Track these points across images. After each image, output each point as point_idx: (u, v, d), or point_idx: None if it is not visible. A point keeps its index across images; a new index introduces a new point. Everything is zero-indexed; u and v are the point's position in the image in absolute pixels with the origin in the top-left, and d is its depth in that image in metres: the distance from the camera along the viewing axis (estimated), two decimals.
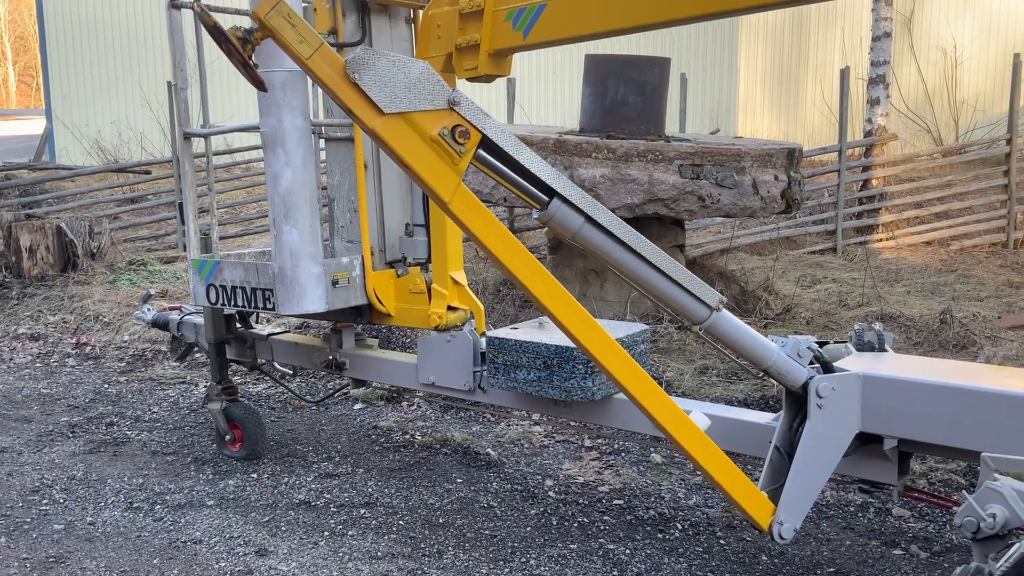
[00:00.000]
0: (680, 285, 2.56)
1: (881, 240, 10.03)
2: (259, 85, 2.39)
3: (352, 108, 2.25)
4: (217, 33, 2.23)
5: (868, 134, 10.64)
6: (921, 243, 10.01)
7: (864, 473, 2.76)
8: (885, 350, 2.89)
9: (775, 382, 2.73)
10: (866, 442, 2.67)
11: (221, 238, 9.58)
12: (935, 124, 13.59)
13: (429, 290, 3.67)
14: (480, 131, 2.35)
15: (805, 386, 2.64)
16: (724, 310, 2.62)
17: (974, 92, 14.68)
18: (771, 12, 14.50)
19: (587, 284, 6.46)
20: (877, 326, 2.94)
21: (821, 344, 2.83)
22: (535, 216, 2.50)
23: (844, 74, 9.93)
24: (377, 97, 2.23)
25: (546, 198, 2.45)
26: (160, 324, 4.60)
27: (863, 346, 2.90)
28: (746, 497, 2.59)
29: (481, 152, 2.39)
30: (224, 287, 3.69)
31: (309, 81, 3.63)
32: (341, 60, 2.24)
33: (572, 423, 4.51)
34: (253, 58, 2.29)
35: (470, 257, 8.85)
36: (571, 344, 3.18)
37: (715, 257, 8.69)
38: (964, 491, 2.35)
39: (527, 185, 2.44)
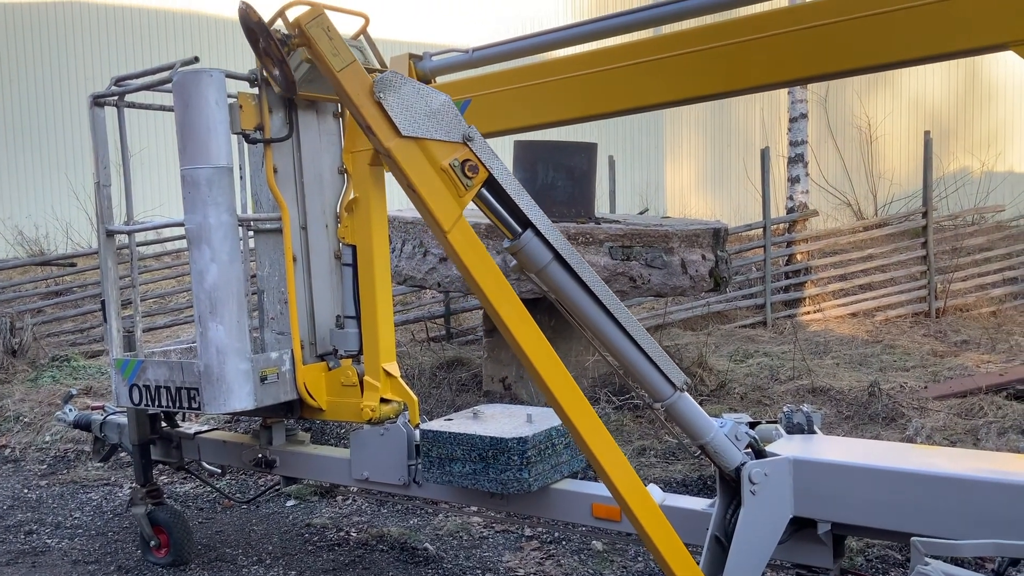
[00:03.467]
0: (649, 358, 2.56)
1: (808, 313, 10.27)
2: (291, 86, 2.43)
3: (372, 125, 2.31)
4: (260, 29, 2.28)
5: (791, 211, 10.98)
6: (847, 315, 10.27)
7: (800, 558, 2.75)
8: (814, 431, 2.92)
9: (710, 461, 2.72)
10: (801, 527, 2.68)
11: (150, 329, 9.37)
12: (855, 198, 14.10)
13: (361, 383, 3.61)
14: (488, 170, 2.40)
15: (738, 471, 2.64)
16: (686, 391, 2.62)
17: (890, 166, 15.32)
18: None
19: (523, 366, 6.45)
20: (805, 407, 2.97)
21: (753, 425, 2.85)
22: (505, 246, 2.52)
23: (764, 154, 10.29)
24: (398, 119, 2.30)
25: (520, 229, 2.47)
26: (82, 425, 4.44)
27: (792, 428, 2.92)
28: None
29: (483, 190, 2.43)
30: (148, 387, 3.58)
31: (236, 175, 3.62)
32: (369, 79, 2.30)
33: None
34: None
35: (406, 342, 8.79)
36: (505, 435, 3.16)
37: (649, 333, 8.77)
38: None
39: (506, 215, 2.47)
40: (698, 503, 3.00)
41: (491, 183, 2.45)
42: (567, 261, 2.47)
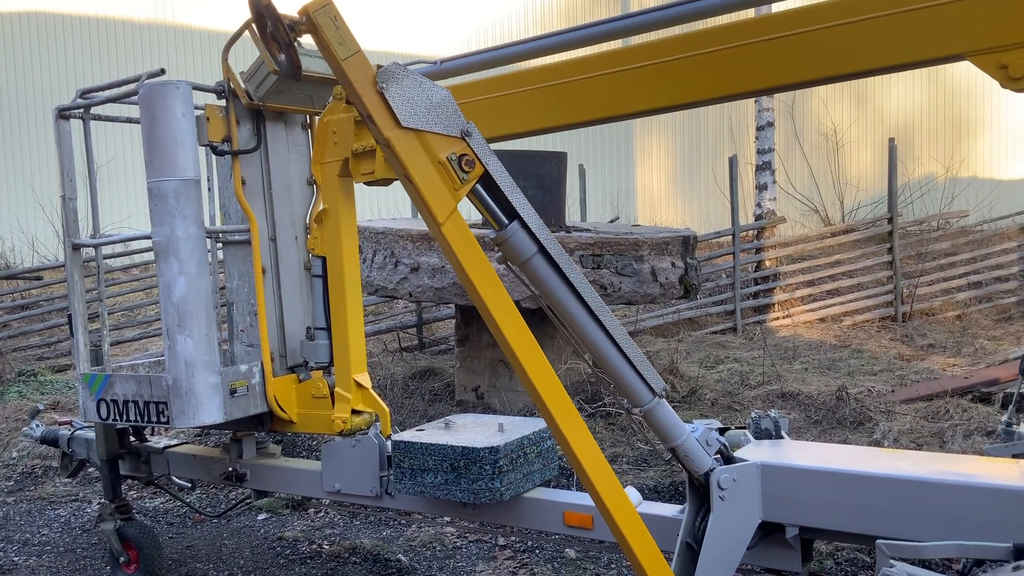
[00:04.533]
0: (631, 363, 2.57)
1: (777, 318, 10.37)
2: (295, 71, 2.45)
3: (373, 114, 2.33)
4: (269, 13, 2.29)
5: (759, 217, 11.09)
6: (815, 320, 10.37)
7: (768, 562, 2.78)
8: (782, 436, 2.95)
9: (680, 464, 2.74)
10: (769, 531, 2.70)
11: (118, 343, 9.27)
12: (822, 204, 14.26)
13: (332, 394, 3.60)
14: (484, 166, 2.41)
15: (707, 476, 2.66)
16: (664, 398, 2.64)
17: (856, 173, 15.52)
18: None
19: (496, 375, 6.46)
20: (773, 413, 3.00)
21: (722, 431, 2.88)
22: (491, 237, 2.53)
23: (733, 162, 10.39)
24: (399, 110, 2.32)
25: (507, 221, 2.48)
26: (49, 440, 4.39)
27: (760, 433, 2.95)
28: None
29: (477, 186, 2.45)
30: (116, 401, 3.55)
31: (204, 187, 3.61)
32: (373, 69, 2.33)
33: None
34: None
35: (378, 352, 8.77)
36: (476, 445, 3.16)
37: None
38: None
39: (496, 208, 2.48)
40: (669, 509, 3.02)
41: (486, 179, 2.47)
42: (551, 255, 2.49)
